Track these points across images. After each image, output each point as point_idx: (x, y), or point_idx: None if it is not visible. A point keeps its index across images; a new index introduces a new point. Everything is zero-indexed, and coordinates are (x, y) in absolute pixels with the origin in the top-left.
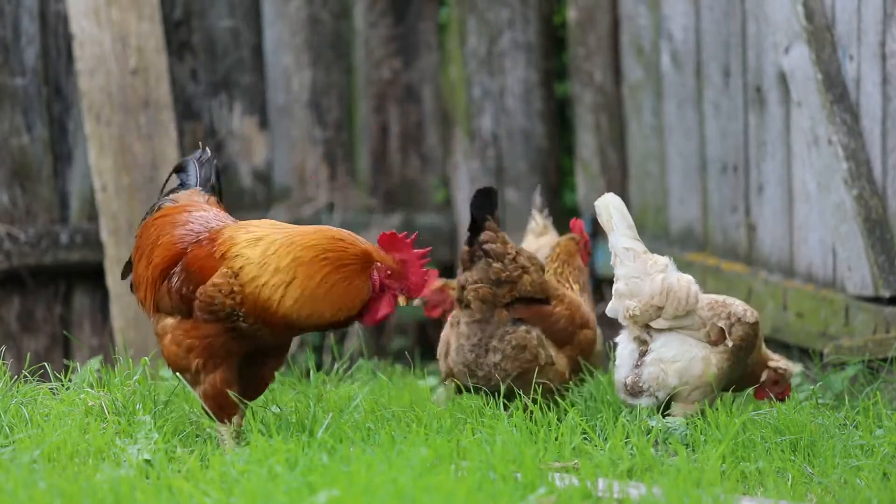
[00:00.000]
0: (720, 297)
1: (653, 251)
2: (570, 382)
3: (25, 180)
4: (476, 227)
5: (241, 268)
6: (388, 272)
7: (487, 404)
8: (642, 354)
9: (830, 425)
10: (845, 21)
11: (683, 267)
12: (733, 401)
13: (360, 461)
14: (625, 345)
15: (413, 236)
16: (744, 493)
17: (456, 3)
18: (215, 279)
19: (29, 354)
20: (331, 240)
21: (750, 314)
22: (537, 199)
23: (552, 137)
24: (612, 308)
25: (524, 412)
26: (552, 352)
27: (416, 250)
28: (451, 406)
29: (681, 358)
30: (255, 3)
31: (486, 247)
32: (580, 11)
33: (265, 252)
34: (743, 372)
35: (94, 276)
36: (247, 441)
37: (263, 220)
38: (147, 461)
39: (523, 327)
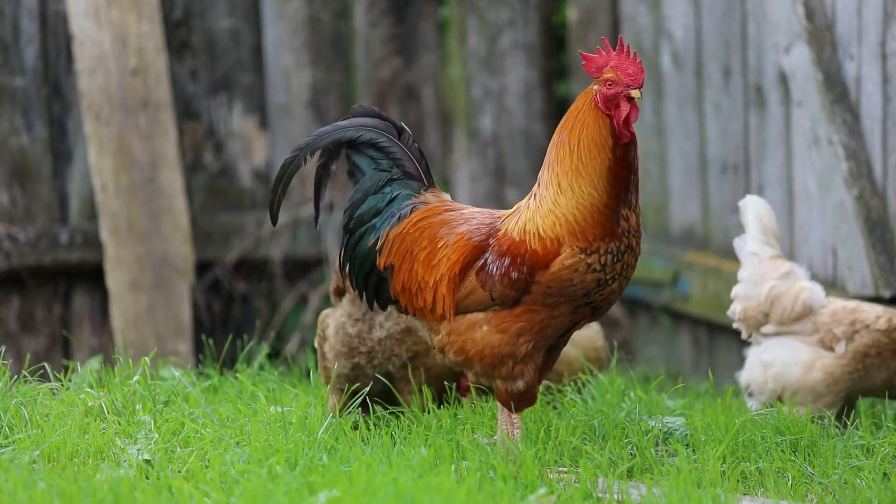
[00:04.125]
0: (852, 304)
1: (653, 251)
2: (456, 385)
3: (25, 180)
4: None
5: (563, 235)
6: (607, 83)
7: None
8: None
9: (831, 425)
10: (845, 21)
11: (684, 267)
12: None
13: (360, 461)
14: (752, 347)
15: (605, 41)
16: (744, 494)
17: (456, 2)
18: (565, 261)
19: (29, 354)
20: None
21: (883, 321)
22: None
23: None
24: (731, 310)
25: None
26: None
27: (617, 49)
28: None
29: (778, 363)
30: (255, 3)
31: None
32: (581, 11)
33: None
34: (890, 376)
35: (94, 276)
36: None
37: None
38: (147, 461)
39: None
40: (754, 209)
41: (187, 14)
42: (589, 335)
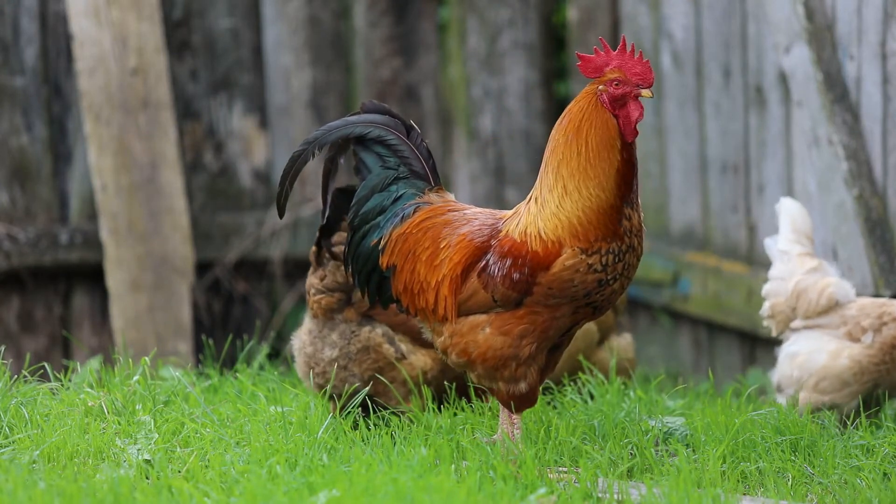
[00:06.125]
0: (881, 300)
1: (653, 251)
2: (446, 384)
3: (25, 180)
4: (329, 229)
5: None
6: (614, 83)
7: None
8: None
9: (831, 425)
10: (846, 21)
11: (684, 267)
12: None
13: (360, 461)
14: (782, 345)
15: (603, 41)
16: (744, 494)
17: (456, 2)
18: (565, 261)
19: (29, 354)
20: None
21: None
22: None
23: None
24: (762, 308)
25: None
26: (405, 347)
27: (618, 49)
28: (450, 407)
29: (804, 352)
30: (255, 2)
31: (334, 249)
32: (581, 11)
33: (560, 210)
34: None
35: (94, 276)
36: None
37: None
38: (147, 461)
39: (367, 326)
40: (787, 211)
41: (187, 14)
42: (624, 346)
